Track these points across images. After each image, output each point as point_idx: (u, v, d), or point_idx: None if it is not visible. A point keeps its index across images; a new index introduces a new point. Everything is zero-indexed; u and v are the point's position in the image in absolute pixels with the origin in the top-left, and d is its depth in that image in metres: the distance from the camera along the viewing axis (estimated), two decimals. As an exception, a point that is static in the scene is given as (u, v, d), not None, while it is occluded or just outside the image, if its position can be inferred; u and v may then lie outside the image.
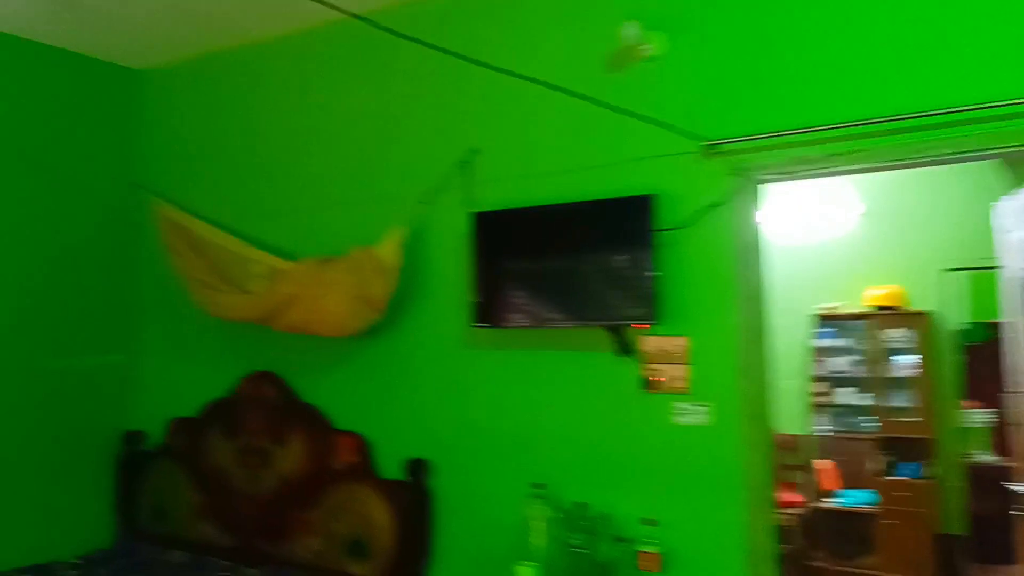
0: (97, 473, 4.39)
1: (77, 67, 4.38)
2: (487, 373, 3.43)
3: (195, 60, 4.47)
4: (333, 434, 3.76)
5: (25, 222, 4.12)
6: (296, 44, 4.10)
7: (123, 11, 3.87)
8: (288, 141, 4.10)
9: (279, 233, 4.02)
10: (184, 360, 4.38)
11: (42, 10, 3.82)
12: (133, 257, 4.57)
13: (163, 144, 4.58)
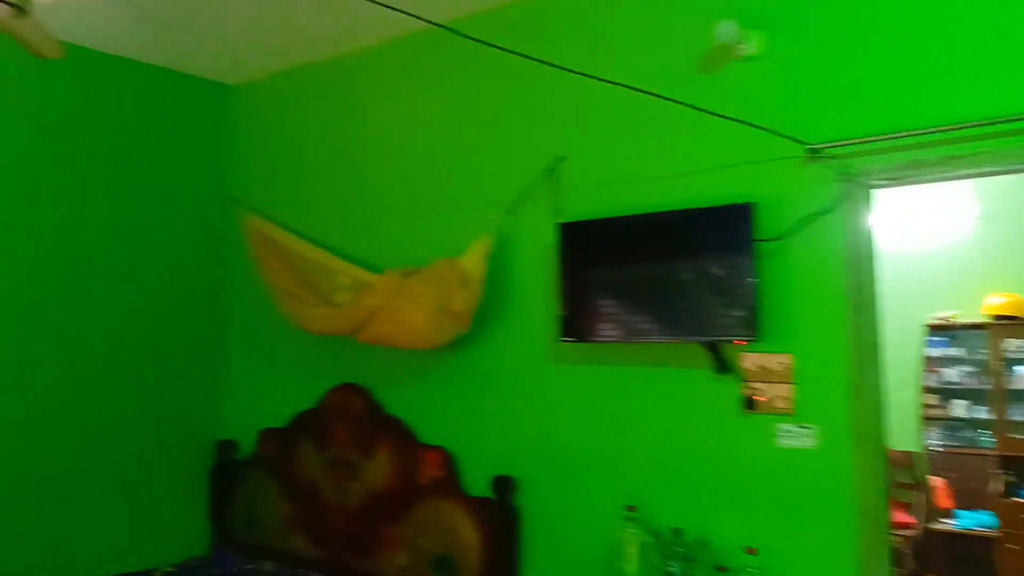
0: (192, 482, 4.47)
1: (171, 84, 4.48)
2: (575, 389, 3.31)
3: (283, 74, 4.50)
4: (419, 448, 3.70)
5: (122, 235, 4.23)
6: (381, 55, 4.07)
7: (215, 29, 3.92)
8: (373, 152, 4.07)
9: (365, 245, 4.00)
10: (273, 370, 4.41)
11: (138, 30, 3.90)
12: (224, 269, 4.64)
13: (253, 157, 4.63)
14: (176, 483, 4.40)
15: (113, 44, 4.11)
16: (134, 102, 4.32)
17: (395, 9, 2.55)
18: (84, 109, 4.12)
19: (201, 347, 4.56)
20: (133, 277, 4.26)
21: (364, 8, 3.57)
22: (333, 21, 3.81)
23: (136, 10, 3.66)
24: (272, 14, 3.74)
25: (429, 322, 3.48)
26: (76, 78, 4.06)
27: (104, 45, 4.11)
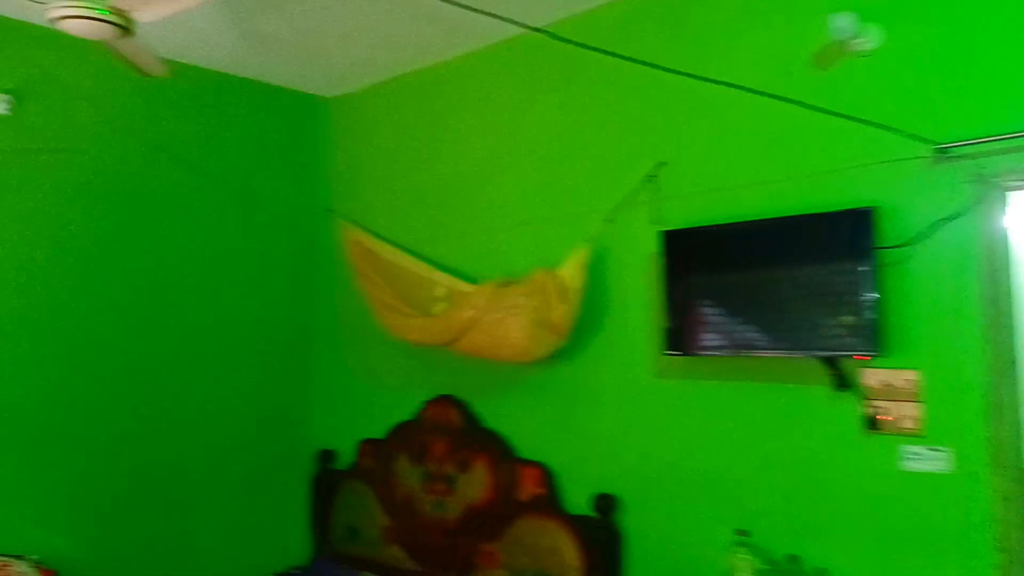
0: (294, 491, 4.52)
1: (270, 98, 4.55)
2: (680, 404, 3.16)
3: (379, 86, 4.51)
4: (516, 463, 3.62)
5: (224, 248, 4.31)
6: (475, 64, 4.01)
7: (313, 43, 3.94)
8: (469, 162, 4.02)
9: (461, 255, 3.95)
10: (372, 381, 4.40)
11: (237, 46, 3.96)
12: (325, 279, 4.67)
13: (349, 169, 4.65)
14: (278, 492, 4.46)
15: (212, 60, 4.19)
16: (234, 117, 4.40)
17: (493, 16, 2.47)
18: (185, 124, 4.21)
19: (303, 357, 4.61)
20: (235, 288, 4.34)
21: (460, 16, 3.55)
22: (429, 31, 3.78)
23: (236, 26, 3.71)
24: (369, 26, 3.73)
25: (527, 334, 3.39)
26: (177, 94, 4.16)
27: (204, 61, 4.19)
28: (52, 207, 3.75)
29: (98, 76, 3.89)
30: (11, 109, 3.62)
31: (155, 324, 4.05)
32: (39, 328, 3.69)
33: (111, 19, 2.52)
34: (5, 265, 3.61)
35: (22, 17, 3.64)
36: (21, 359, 3.63)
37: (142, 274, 4.02)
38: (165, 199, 4.12)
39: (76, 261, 3.81)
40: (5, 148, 3.63)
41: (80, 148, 3.84)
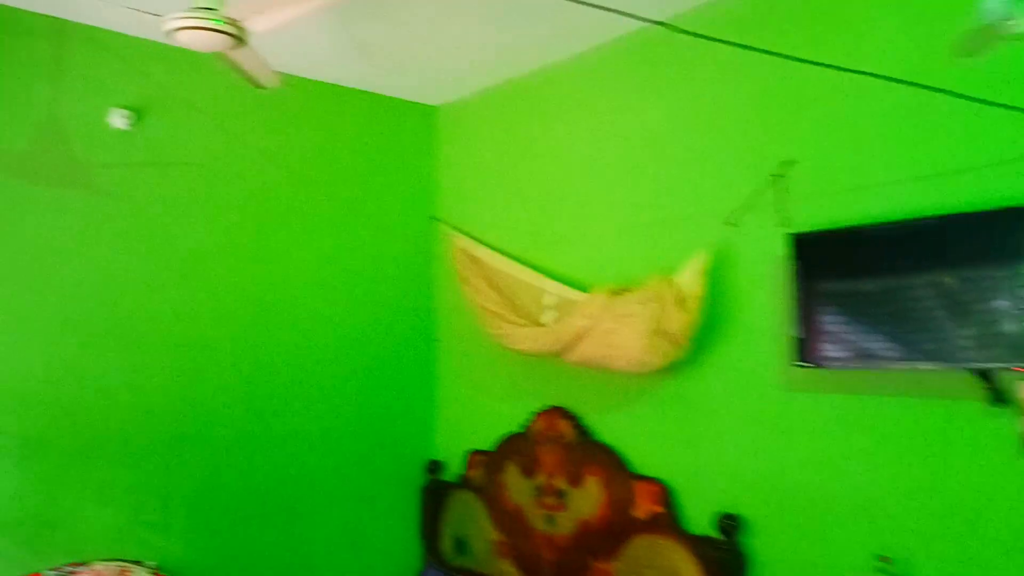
0: (404, 501, 4.49)
1: (378, 107, 4.54)
2: (812, 420, 2.95)
3: (487, 92, 4.44)
4: (632, 479, 3.47)
5: (334, 257, 4.33)
6: (586, 64, 3.88)
7: (419, 51, 3.91)
8: (579, 165, 3.89)
9: (571, 262, 3.83)
10: (481, 391, 4.33)
11: (345, 57, 3.96)
12: (433, 288, 4.64)
13: (457, 176, 4.60)
14: (389, 502, 4.43)
15: (321, 72, 4.21)
16: (343, 127, 4.42)
17: (613, 11, 2.34)
18: (296, 136, 4.25)
19: (411, 366, 4.58)
20: (346, 298, 4.35)
21: (568, 17, 3.45)
22: (536, 34, 3.68)
23: (342, 37, 3.71)
24: (476, 32, 3.67)
25: (642, 344, 3.24)
26: (288, 106, 4.19)
27: (313, 73, 4.21)
28: (170, 219, 3.83)
29: (213, 90, 3.96)
30: (131, 124, 3.71)
31: (271, 334, 4.09)
32: (161, 338, 3.77)
33: (225, 29, 2.52)
34: (126, 276, 3.70)
35: (141, 34, 3.73)
36: (143, 367, 3.72)
37: (257, 284, 4.07)
38: (278, 210, 4.16)
39: (193, 272, 3.88)
40: (124, 162, 3.72)
41: (196, 161, 3.91)
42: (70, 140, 3.60)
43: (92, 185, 3.64)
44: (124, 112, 3.68)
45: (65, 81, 3.59)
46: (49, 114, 3.56)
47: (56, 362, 3.51)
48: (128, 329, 3.69)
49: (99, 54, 3.67)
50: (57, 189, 3.55)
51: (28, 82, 3.50)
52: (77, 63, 3.62)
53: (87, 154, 3.64)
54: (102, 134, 3.67)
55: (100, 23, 3.64)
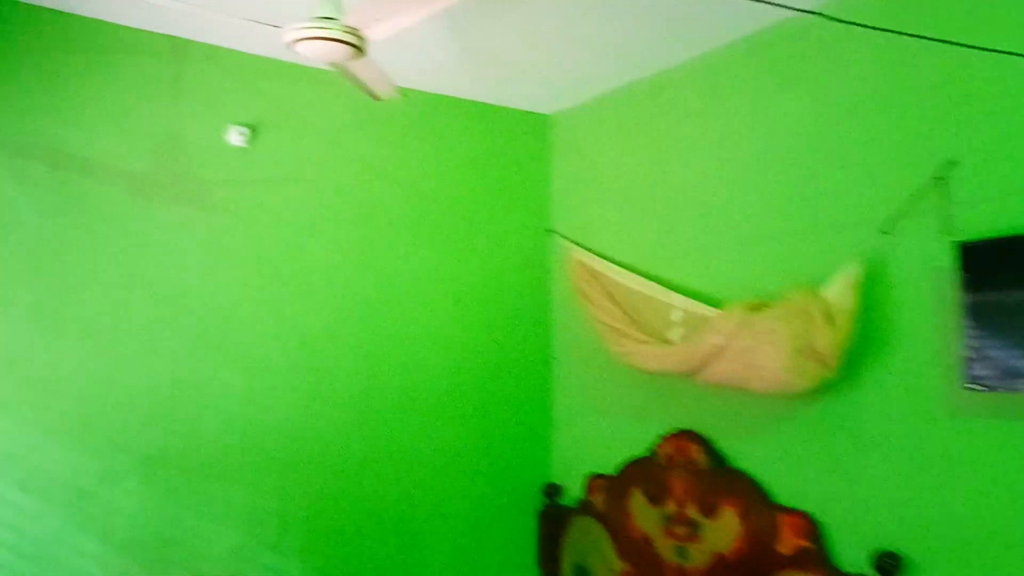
0: (521, 525, 4.32)
1: (490, 118, 4.41)
2: (982, 448, 2.61)
3: (601, 98, 4.24)
4: (774, 510, 3.19)
5: (448, 272, 4.21)
6: (711, 65, 3.64)
7: (530, 59, 3.75)
8: (707, 171, 3.64)
9: (700, 275, 3.58)
10: (601, 412, 4.13)
11: (455, 67, 3.84)
12: (549, 303, 4.47)
13: (572, 186, 4.42)
14: (504, 526, 4.27)
15: (432, 83, 4.10)
16: (455, 139, 4.30)
17: (765, 2, 2.11)
18: (408, 150, 4.16)
19: (528, 385, 4.41)
20: (459, 315, 4.22)
21: (694, 16, 3.22)
22: (656, 35, 3.46)
23: (453, 47, 3.58)
24: (591, 36, 3.47)
25: (786, 364, 2.97)
26: (400, 120, 4.11)
27: (424, 84, 4.11)
28: (285, 235, 3.79)
29: (326, 106, 3.92)
30: (247, 142, 3.69)
31: (383, 351, 4.00)
32: (277, 355, 3.73)
33: (345, 38, 2.42)
34: (243, 294, 3.67)
35: (256, 51, 3.71)
36: (260, 385, 3.68)
37: (370, 300, 3.99)
38: (390, 225, 4.07)
39: (308, 289, 3.82)
40: (240, 179, 3.70)
41: (310, 177, 3.87)
42: (188, 158, 3.60)
43: (210, 203, 3.63)
44: (241, 129, 3.66)
45: (183, 100, 3.60)
46: (168, 133, 3.56)
47: (176, 380, 3.51)
48: (245, 347, 3.66)
49: (216, 72, 3.67)
50: (176, 207, 3.55)
51: (148, 102, 3.52)
52: (195, 82, 3.63)
53: (205, 172, 3.63)
54: (219, 152, 3.66)
55: (217, 41, 3.63)
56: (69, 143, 3.35)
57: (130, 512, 3.38)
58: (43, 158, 3.30)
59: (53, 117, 3.33)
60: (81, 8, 3.34)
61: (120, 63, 3.47)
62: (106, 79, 3.44)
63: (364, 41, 2.48)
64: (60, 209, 3.32)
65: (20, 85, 3.27)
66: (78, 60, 3.39)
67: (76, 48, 3.39)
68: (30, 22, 3.30)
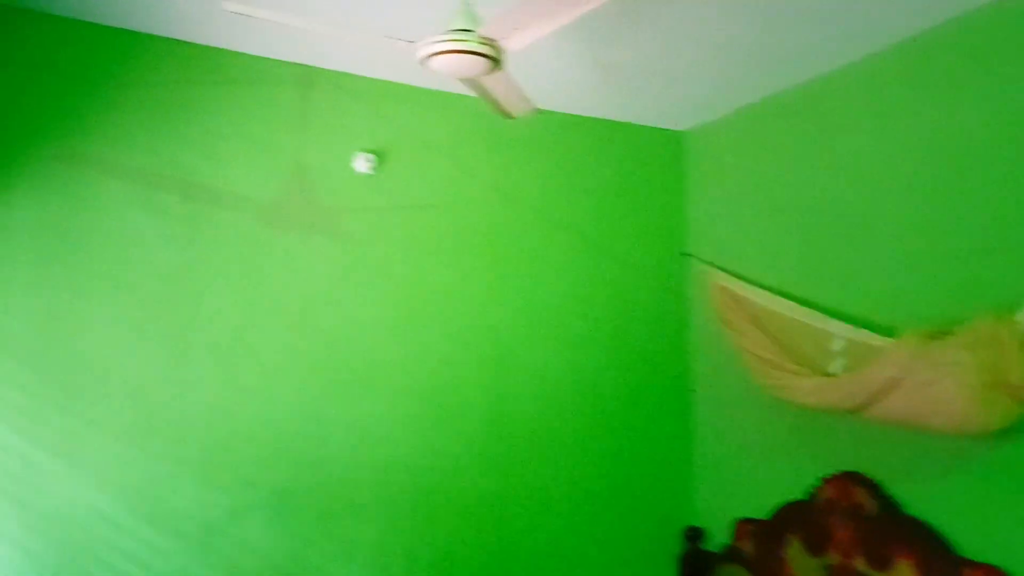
0: (659, 570, 4.02)
1: (620, 135, 4.20)
2: None
3: (741, 112, 3.97)
4: (959, 564, 2.80)
5: (579, 299, 4.01)
6: (873, 69, 3.29)
7: (663, 70, 3.52)
8: (867, 185, 3.30)
9: (864, 300, 3.23)
10: (747, 451, 3.80)
11: (586, 83, 3.65)
12: (688, 332, 4.20)
13: (709, 206, 4.15)
14: (642, 570, 3.98)
15: (560, 101, 3.92)
16: (583, 159, 4.12)
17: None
18: (534, 171, 4.00)
19: (667, 419, 4.14)
20: (590, 343, 4.01)
21: (859, 15, 2.92)
22: (814, 38, 3.16)
23: (583, 61, 3.39)
24: (731, 43, 3.21)
25: (972, 399, 2.61)
26: (526, 141, 3.97)
27: (552, 103, 3.93)
28: (411, 263, 3.68)
29: (452, 129, 3.82)
30: (373, 169, 3.60)
31: (511, 381, 3.83)
32: (404, 386, 3.62)
33: (483, 50, 2.26)
34: (372, 322, 3.58)
35: (382, 76, 3.64)
36: (388, 417, 3.57)
37: (497, 328, 3.83)
38: (517, 249, 3.91)
39: (434, 316, 3.70)
40: (367, 207, 3.61)
41: (435, 203, 3.75)
42: (316, 186, 3.54)
43: (337, 230, 3.55)
44: (367, 156, 3.58)
45: (310, 128, 3.55)
46: (296, 161, 3.51)
47: (303, 412, 3.42)
48: (372, 377, 3.56)
49: (343, 99, 3.61)
50: (304, 235, 3.50)
51: (276, 131, 3.49)
52: (322, 109, 3.58)
53: (332, 199, 3.57)
54: (346, 179, 3.59)
55: (344, 67, 3.57)
56: (200, 173, 3.34)
57: (257, 549, 3.31)
58: (175, 189, 3.30)
59: (185, 148, 3.33)
60: (210, 39, 3.34)
61: (249, 93, 3.46)
62: (236, 109, 3.43)
63: (502, 53, 2.32)
64: (191, 239, 3.30)
65: (153, 117, 3.29)
66: (208, 91, 3.39)
67: (206, 79, 3.39)
68: (162, 55, 3.33)
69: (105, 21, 3.21)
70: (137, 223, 3.23)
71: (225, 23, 3.15)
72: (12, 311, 3.03)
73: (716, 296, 3.79)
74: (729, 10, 2.93)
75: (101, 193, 3.20)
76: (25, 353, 3.04)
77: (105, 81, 3.23)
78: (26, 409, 3.04)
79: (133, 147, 3.25)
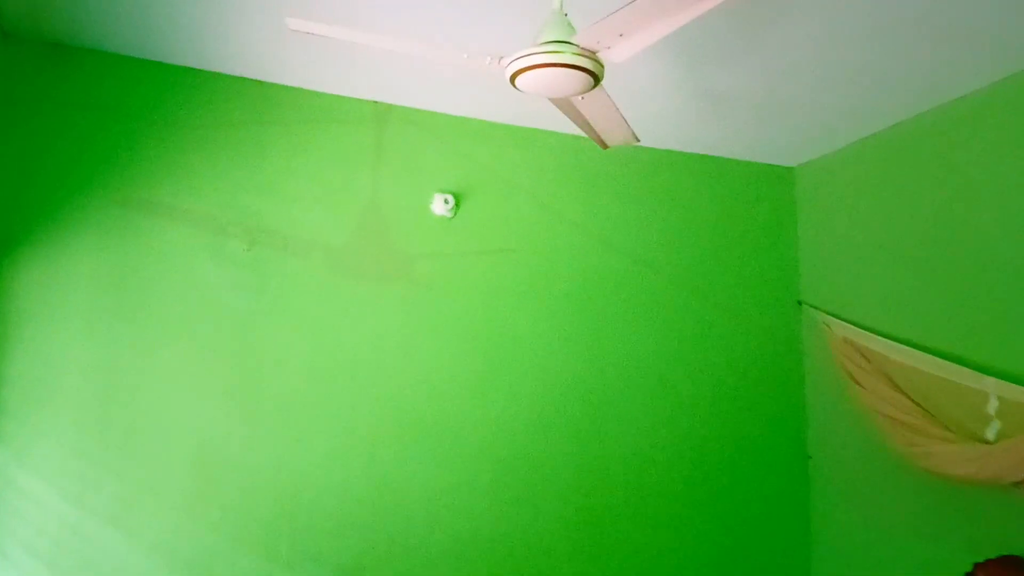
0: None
1: (722, 172, 3.85)
2: None
3: (858, 144, 3.56)
4: None
5: (677, 349, 3.64)
6: (1008, 91, 2.86)
7: (772, 101, 3.16)
8: (1008, 219, 2.83)
9: (1017, 353, 2.75)
10: (876, 526, 3.30)
11: (686, 115, 3.31)
12: (798, 389, 3.74)
13: (824, 250, 3.72)
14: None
15: (657, 136, 3.58)
16: (680, 198, 3.77)
17: None
18: (627, 211, 3.67)
19: (779, 488, 3.68)
20: (693, 401, 3.62)
21: (996, 34, 2.51)
22: (948, 59, 2.75)
23: (687, 91, 3.05)
24: (851, 68, 2.83)
25: None
26: (616, 179, 3.65)
27: (647, 138, 3.59)
28: (491, 311, 3.38)
29: (535, 167, 3.55)
30: (451, 211, 3.32)
31: (603, 444, 3.45)
32: (485, 448, 3.29)
33: (580, 64, 1.94)
34: (448, 377, 3.28)
35: (460, 112, 3.39)
36: (465, 484, 3.24)
37: (587, 383, 3.48)
38: (610, 296, 3.56)
39: (516, 371, 3.38)
40: (445, 251, 3.32)
41: (517, 246, 3.44)
42: (390, 229, 3.28)
43: (412, 277, 3.27)
44: (446, 197, 3.31)
45: (385, 167, 3.31)
46: (369, 204, 3.25)
47: (373, 476, 3.11)
48: (451, 440, 3.24)
49: (419, 136, 3.38)
50: (376, 283, 3.24)
51: (349, 171, 3.27)
52: (397, 147, 3.34)
53: (407, 244, 3.30)
54: (423, 222, 3.33)
55: (420, 103, 3.33)
56: (268, 218, 3.11)
57: (323, 631, 2.97)
58: (241, 235, 3.07)
59: (252, 191, 3.11)
60: (280, 77, 3.13)
61: (320, 132, 3.24)
62: (306, 149, 3.21)
63: (602, 67, 2.00)
64: (258, 288, 3.06)
65: (220, 159, 3.09)
66: (277, 131, 3.18)
67: (275, 119, 3.18)
68: (229, 94, 3.14)
69: (169, 59, 3.04)
70: (202, 271, 3.01)
71: (295, 58, 2.94)
72: (70, 366, 2.82)
73: (839, 350, 3.35)
74: (851, 32, 2.56)
75: (165, 240, 2.99)
76: (82, 412, 2.81)
77: (170, 122, 3.05)
78: (81, 475, 2.80)
79: (199, 191, 3.05)
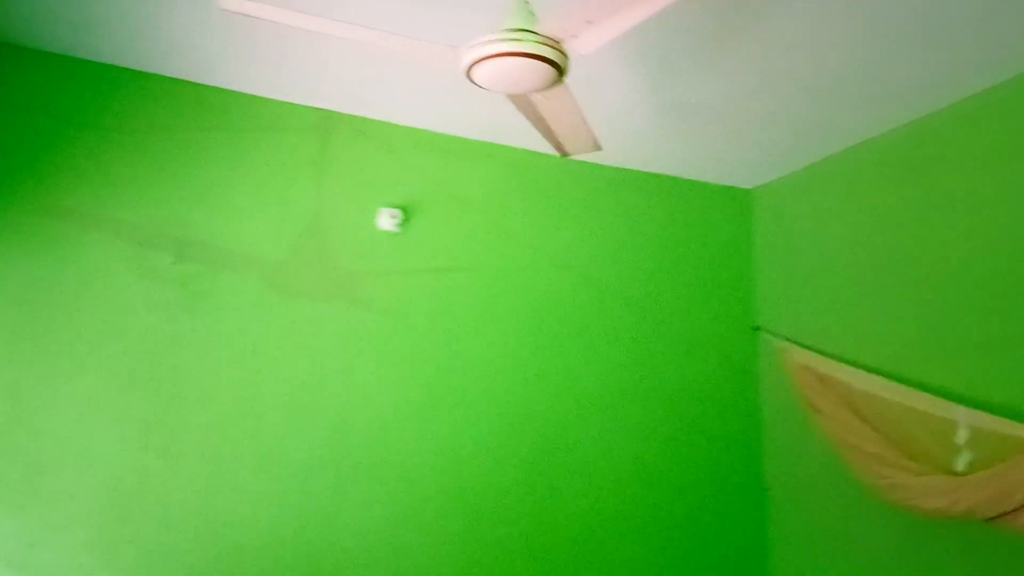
0: None
1: (677, 193, 3.74)
2: None
3: (819, 165, 3.47)
4: None
5: (631, 377, 3.48)
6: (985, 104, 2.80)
7: (727, 124, 3.07)
8: (977, 240, 2.74)
9: (992, 379, 2.64)
10: (840, 563, 3.15)
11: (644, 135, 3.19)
12: (755, 418, 3.61)
13: (782, 274, 3.62)
14: None
15: (612, 155, 3.46)
16: (638, 218, 3.65)
17: None
18: (580, 231, 3.53)
19: (737, 520, 3.52)
20: (649, 429, 3.46)
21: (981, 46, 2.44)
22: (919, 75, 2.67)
23: (645, 110, 2.93)
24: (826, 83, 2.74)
25: None
26: (572, 195, 3.51)
27: (602, 157, 3.47)
28: (439, 333, 3.19)
29: (487, 182, 3.39)
30: (398, 226, 3.13)
31: (557, 475, 3.26)
32: (430, 482, 3.07)
33: (543, 53, 1.78)
34: (391, 404, 3.06)
35: (410, 122, 3.22)
36: (412, 521, 3.01)
37: (540, 412, 3.31)
38: (563, 319, 3.40)
39: (465, 397, 3.18)
40: (392, 269, 3.12)
41: (467, 266, 3.26)
42: (333, 246, 3.06)
43: (356, 296, 3.06)
44: (393, 212, 3.11)
45: (329, 179, 3.11)
46: (311, 218, 3.04)
47: (308, 511, 2.87)
48: (394, 473, 3.02)
49: (366, 147, 3.19)
50: (317, 302, 3.02)
51: (290, 183, 3.06)
52: (342, 159, 3.15)
53: (351, 261, 3.10)
54: (368, 237, 3.13)
55: (366, 112, 3.15)
56: (199, 229, 2.88)
57: None
58: (169, 247, 2.82)
59: (183, 201, 2.88)
60: (220, 80, 2.92)
61: (261, 140, 3.03)
62: (244, 158, 3.00)
63: (566, 60, 1.84)
64: (184, 306, 2.81)
65: (149, 166, 2.86)
66: (213, 137, 2.96)
67: (210, 124, 2.96)
68: (161, 96, 2.91)
69: (96, 57, 2.82)
70: (121, 286, 2.75)
71: (235, 59, 2.74)
72: (-32, 389, 2.52)
73: (798, 376, 3.23)
74: (830, 40, 2.46)
75: (84, 252, 2.74)
76: (-22, 440, 2.51)
77: (96, 125, 2.81)
78: (-25, 511, 2.49)
79: (124, 200, 2.81)
